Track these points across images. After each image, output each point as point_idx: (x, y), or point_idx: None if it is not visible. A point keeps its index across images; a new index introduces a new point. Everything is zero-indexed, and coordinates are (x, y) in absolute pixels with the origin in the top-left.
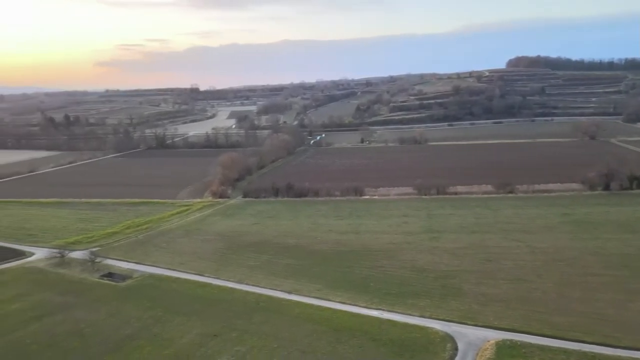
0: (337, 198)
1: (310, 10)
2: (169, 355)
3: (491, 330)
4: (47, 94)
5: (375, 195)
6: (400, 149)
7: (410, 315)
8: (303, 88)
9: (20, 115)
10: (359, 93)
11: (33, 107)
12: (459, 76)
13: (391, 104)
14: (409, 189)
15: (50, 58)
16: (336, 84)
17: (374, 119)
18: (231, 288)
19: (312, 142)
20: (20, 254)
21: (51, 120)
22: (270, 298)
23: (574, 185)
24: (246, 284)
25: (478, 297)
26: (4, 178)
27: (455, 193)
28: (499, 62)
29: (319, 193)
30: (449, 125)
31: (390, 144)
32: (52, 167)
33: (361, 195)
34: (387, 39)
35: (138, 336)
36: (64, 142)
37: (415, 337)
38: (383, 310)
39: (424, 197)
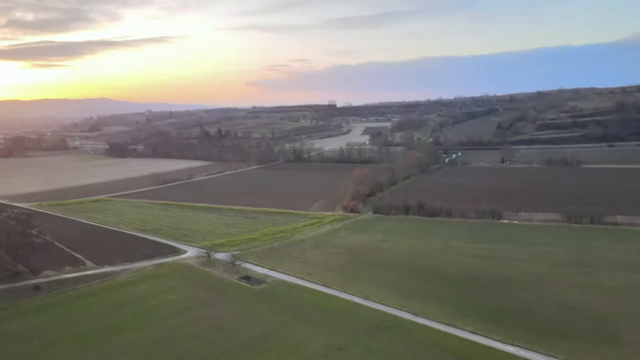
0: (472, 220)
1: (449, 26)
2: None
3: None
4: (205, 110)
5: (515, 220)
6: (547, 170)
7: (553, 357)
8: (440, 105)
9: (184, 129)
10: (500, 110)
11: (194, 122)
12: (624, 90)
13: (538, 122)
14: (556, 216)
15: (210, 79)
16: (476, 101)
17: (517, 137)
18: (357, 303)
19: (447, 160)
20: (176, 251)
21: (207, 133)
22: (395, 318)
23: None
24: (372, 300)
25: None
26: (168, 183)
27: (615, 223)
28: None
29: (452, 213)
30: (609, 145)
31: (536, 165)
32: (205, 176)
33: (499, 218)
34: (535, 52)
35: (268, 338)
36: (215, 154)
37: None
38: (520, 347)
39: (573, 225)
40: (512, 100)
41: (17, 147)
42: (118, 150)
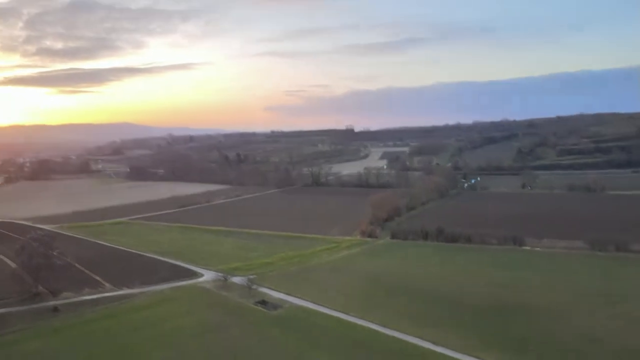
0: (493, 246)
1: (467, 51)
2: None
3: None
4: (224, 135)
5: (537, 247)
6: (569, 196)
7: None
8: (458, 129)
9: (203, 153)
10: (520, 135)
11: (213, 146)
12: None
13: (559, 147)
14: (580, 243)
15: (229, 104)
16: (495, 125)
17: (537, 162)
18: (375, 330)
19: (466, 185)
20: (194, 274)
21: (226, 157)
22: (415, 347)
23: None
24: (391, 328)
25: None
26: (187, 206)
27: None
28: None
29: (472, 239)
30: (634, 171)
31: (557, 191)
32: (223, 199)
33: (521, 245)
34: (554, 77)
35: None
36: (234, 177)
37: None
38: None
39: (598, 253)
40: (531, 125)
41: (42, 170)
42: (139, 173)
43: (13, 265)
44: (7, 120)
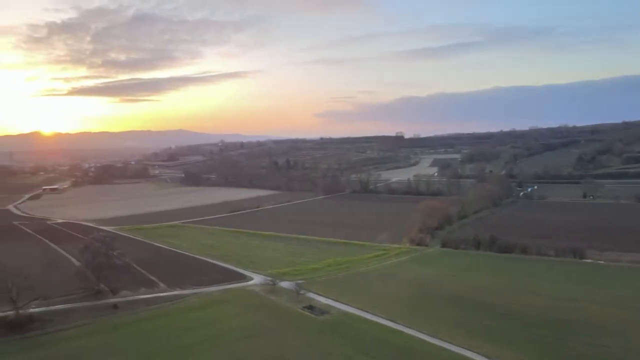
0: (551, 258)
1: (523, 55)
2: None
3: None
4: (274, 141)
5: (600, 260)
6: (637, 207)
7: None
8: (513, 136)
9: (254, 159)
10: (582, 141)
11: (264, 152)
12: None
13: (625, 155)
14: None
15: (279, 110)
16: (553, 132)
17: (600, 171)
18: (422, 340)
19: (521, 193)
20: (243, 278)
21: (275, 164)
22: (464, 358)
23: None
24: (440, 338)
25: None
26: (238, 211)
27: None
28: None
29: (528, 250)
30: None
31: (623, 201)
32: (272, 205)
33: (582, 258)
34: (619, 80)
35: None
36: (283, 183)
37: None
38: None
39: None
40: (594, 132)
41: (105, 175)
42: (193, 178)
43: (77, 263)
44: (74, 127)
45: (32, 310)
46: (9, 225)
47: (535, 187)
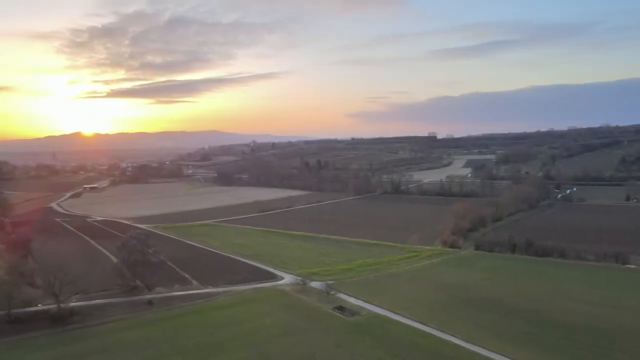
0: (591, 263)
1: (562, 53)
2: None
3: None
4: (305, 142)
5: None
6: None
7: None
8: (551, 136)
9: (285, 159)
10: (625, 142)
11: (295, 153)
12: None
13: None
14: None
15: (311, 111)
16: (594, 132)
17: None
18: (455, 344)
19: (559, 196)
20: (273, 277)
21: (307, 164)
22: None
23: None
24: (473, 343)
25: None
26: (268, 211)
27: None
28: None
29: (566, 254)
30: None
31: None
32: (303, 205)
33: (624, 263)
34: None
35: None
36: (314, 184)
37: None
38: None
39: None
40: (638, 132)
41: (141, 174)
42: (225, 178)
43: (115, 260)
44: (113, 128)
45: (72, 304)
46: (52, 222)
47: (574, 189)
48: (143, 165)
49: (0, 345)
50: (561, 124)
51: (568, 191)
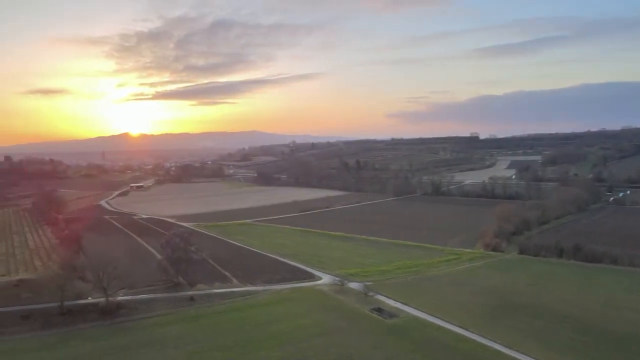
0: None
1: (614, 49)
2: None
3: None
4: (345, 142)
5: None
6: None
7: None
8: (603, 136)
9: (324, 159)
10: None
11: (334, 153)
12: None
13: None
14: None
15: (350, 111)
16: None
17: None
18: (496, 350)
19: (611, 199)
20: (312, 277)
21: (346, 164)
22: None
23: None
24: (516, 350)
25: None
26: (307, 211)
27: None
28: None
29: (619, 261)
30: None
31: None
32: (342, 205)
33: None
34: None
35: None
36: (353, 184)
37: None
38: None
39: None
40: None
41: (184, 174)
42: (265, 178)
43: (159, 256)
44: (158, 129)
45: (120, 298)
46: (101, 219)
47: (628, 192)
48: (186, 165)
49: (54, 336)
50: (614, 124)
51: (621, 194)
